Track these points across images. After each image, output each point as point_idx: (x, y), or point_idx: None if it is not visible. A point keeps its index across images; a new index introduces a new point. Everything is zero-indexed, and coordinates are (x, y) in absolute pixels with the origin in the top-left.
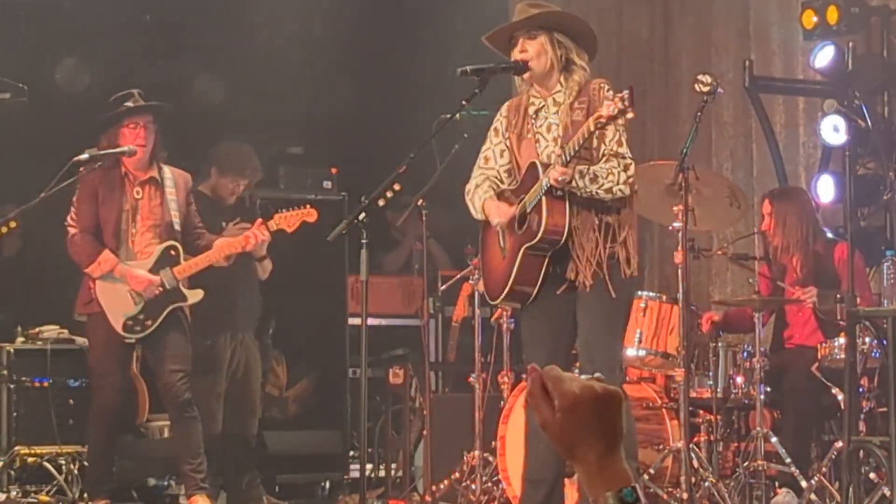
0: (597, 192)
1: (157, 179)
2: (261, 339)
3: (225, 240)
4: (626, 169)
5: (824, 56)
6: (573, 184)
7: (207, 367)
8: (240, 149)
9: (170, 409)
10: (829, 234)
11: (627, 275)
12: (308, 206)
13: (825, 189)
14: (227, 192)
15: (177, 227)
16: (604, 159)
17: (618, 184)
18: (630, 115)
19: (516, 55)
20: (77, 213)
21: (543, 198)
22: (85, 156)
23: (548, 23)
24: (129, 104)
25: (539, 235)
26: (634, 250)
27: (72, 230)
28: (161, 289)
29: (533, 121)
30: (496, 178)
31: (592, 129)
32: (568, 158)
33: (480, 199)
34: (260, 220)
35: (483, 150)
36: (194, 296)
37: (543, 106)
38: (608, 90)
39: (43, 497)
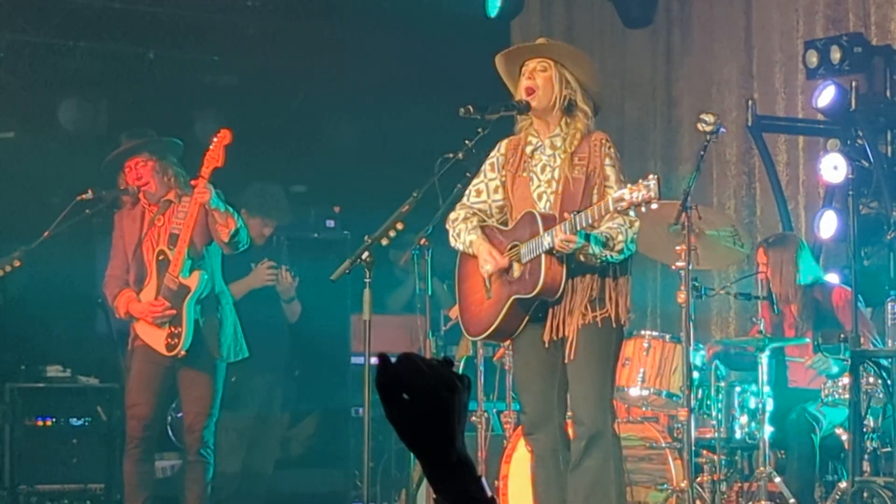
0: (609, 256)
1: (171, 200)
2: (288, 382)
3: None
4: (631, 226)
5: (826, 96)
6: (587, 250)
7: (231, 404)
8: (267, 190)
9: (186, 448)
10: (829, 275)
11: (619, 323)
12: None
13: (828, 225)
14: (255, 234)
15: (176, 231)
16: (608, 216)
17: (627, 244)
18: (654, 207)
19: (523, 83)
20: (111, 257)
21: (543, 255)
22: (89, 195)
23: (562, 57)
24: (123, 145)
25: (535, 293)
26: (626, 300)
27: (106, 276)
28: (170, 309)
29: (529, 160)
30: (485, 212)
31: (612, 209)
32: (576, 228)
33: (469, 234)
34: (194, 181)
35: (475, 182)
36: (194, 280)
37: (540, 146)
38: (609, 147)
39: None
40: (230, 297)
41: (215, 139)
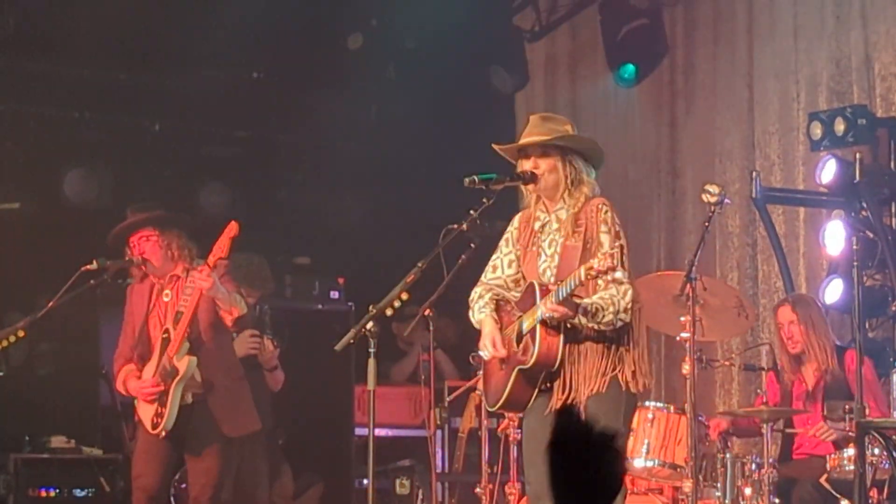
0: (597, 326)
1: (178, 275)
2: (270, 448)
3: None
4: (625, 295)
5: (829, 171)
6: (575, 320)
7: None
8: (252, 260)
9: None
10: (838, 343)
11: (633, 391)
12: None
13: (834, 292)
14: None
15: (182, 309)
16: (602, 286)
17: (618, 314)
18: (618, 275)
19: (526, 167)
20: (122, 331)
21: (538, 326)
22: (94, 266)
23: (561, 144)
24: (129, 218)
25: (531, 363)
26: (642, 366)
27: (116, 352)
28: (160, 387)
29: (539, 235)
30: (502, 286)
31: (583, 278)
32: (560, 298)
33: (479, 313)
34: (200, 267)
35: (493, 258)
36: (183, 364)
37: (548, 222)
38: (605, 212)
39: None
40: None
41: (224, 231)
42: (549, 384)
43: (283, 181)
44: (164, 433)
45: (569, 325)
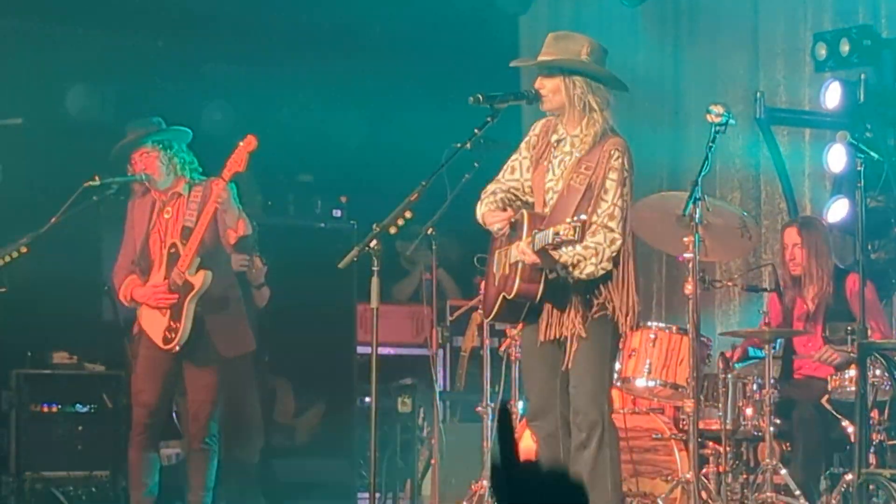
0: (577, 277)
1: (180, 193)
2: (257, 366)
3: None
4: (611, 244)
5: (833, 95)
6: (553, 274)
7: None
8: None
9: (190, 437)
10: (840, 266)
11: (620, 331)
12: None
13: (838, 211)
14: None
15: (189, 224)
16: (591, 230)
17: (600, 263)
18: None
19: (537, 86)
20: (121, 246)
21: (520, 263)
22: (96, 181)
23: (564, 67)
24: (129, 135)
25: (512, 295)
26: (627, 298)
27: (115, 266)
28: (174, 293)
29: (553, 148)
30: (518, 190)
31: (551, 241)
32: (535, 249)
33: (482, 207)
34: (214, 179)
35: (511, 159)
36: (199, 279)
37: (564, 139)
38: (618, 158)
39: None
40: (241, 294)
41: (241, 143)
42: (535, 315)
43: (286, 99)
44: (177, 348)
45: (549, 276)
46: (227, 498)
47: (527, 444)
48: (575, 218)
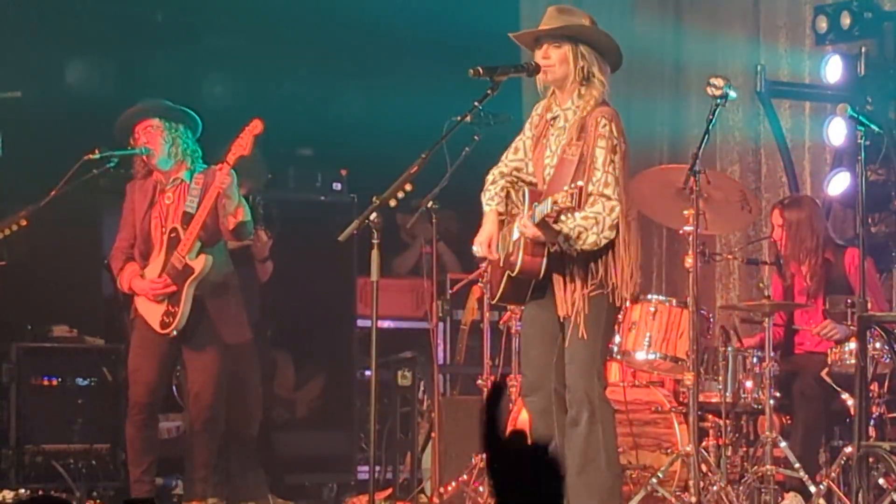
0: (580, 248)
1: (182, 179)
2: (258, 341)
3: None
4: (611, 212)
5: (833, 69)
6: (554, 247)
7: None
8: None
9: (192, 416)
10: (839, 241)
11: (617, 305)
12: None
13: (839, 185)
14: None
15: (191, 210)
16: (590, 202)
17: (602, 233)
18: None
19: (539, 59)
20: (119, 228)
21: (522, 238)
22: (96, 154)
23: (574, 35)
24: (135, 108)
25: (516, 272)
26: (626, 274)
27: (113, 248)
28: (170, 286)
29: (550, 126)
30: (523, 170)
31: (549, 211)
32: (536, 221)
33: (486, 206)
34: (219, 165)
35: (516, 139)
36: (199, 263)
37: (558, 116)
38: (605, 125)
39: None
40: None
41: (246, 127)
42: (541, 292)
43: (286, 72)
44: (174, 333)
45: (551, 249)
46: (226, 471)
47: (524, 418)
48: (572, 185)
